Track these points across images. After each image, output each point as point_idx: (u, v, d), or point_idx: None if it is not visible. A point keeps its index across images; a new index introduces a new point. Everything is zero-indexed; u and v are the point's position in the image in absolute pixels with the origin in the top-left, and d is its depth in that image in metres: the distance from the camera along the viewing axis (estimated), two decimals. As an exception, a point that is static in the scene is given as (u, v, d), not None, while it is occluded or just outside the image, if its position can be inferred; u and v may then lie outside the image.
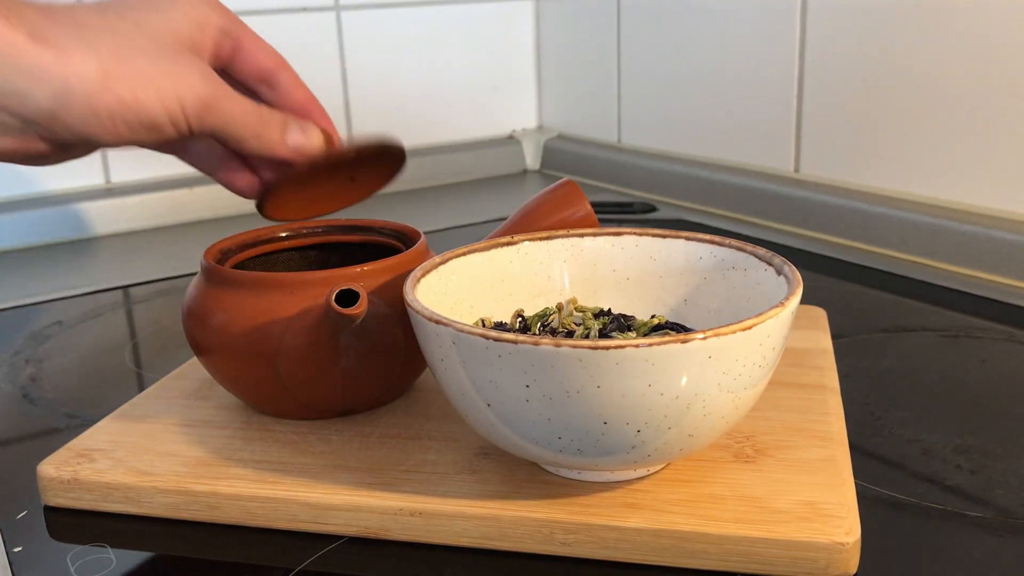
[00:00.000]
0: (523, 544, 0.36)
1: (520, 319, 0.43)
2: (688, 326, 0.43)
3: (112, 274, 0.77)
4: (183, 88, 0.41)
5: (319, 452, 0.41)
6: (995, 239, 0.66)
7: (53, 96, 0.38)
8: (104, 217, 0.88)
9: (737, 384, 0.34)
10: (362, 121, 1.04)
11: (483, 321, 0.43)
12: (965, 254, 0.68)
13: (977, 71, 0.68)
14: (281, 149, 0.44)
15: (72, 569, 0.37)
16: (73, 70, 0.38)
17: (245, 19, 0.47)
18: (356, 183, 0.50)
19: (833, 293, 0.66)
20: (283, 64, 0.47)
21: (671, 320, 0.44)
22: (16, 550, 0.38)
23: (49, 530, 0.40)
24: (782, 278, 0.39)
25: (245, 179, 0.48)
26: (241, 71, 0.46)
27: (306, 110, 0.47)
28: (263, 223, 0.49)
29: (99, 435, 0.44)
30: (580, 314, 0.44)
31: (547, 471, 0.39)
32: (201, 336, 0.44)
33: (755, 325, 0.33)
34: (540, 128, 1.14)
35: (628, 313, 0.45)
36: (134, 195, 0.90)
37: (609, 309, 0.44)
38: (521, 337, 0.32)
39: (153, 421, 0.45)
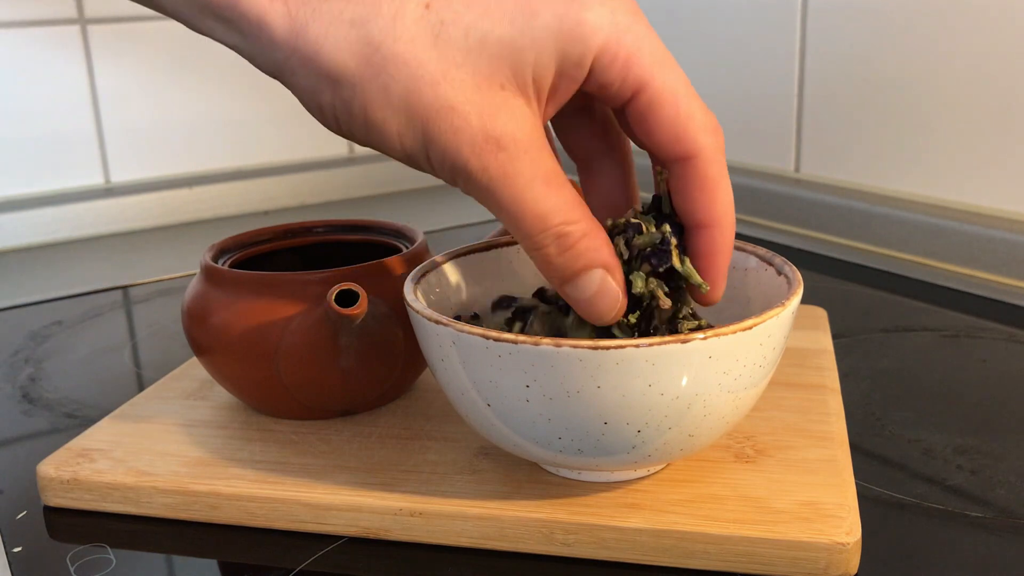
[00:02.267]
0: (523, 544, 0.36)
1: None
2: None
3: (112, 274, 0.76)
4: (437, 142, 0.32)
5: (319, 452, 0.41)
6: (995, 239, 0.66)
7: (276, 71, 0.34)
8: (104, 217, 0.88)
9: (738, 384, 0.34)
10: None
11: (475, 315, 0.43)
12: (965, 254, 0.68)
13: (977, 71, 0.68)
14: (555, 284, 0.35)
15: (72, 569, 0.37)
16: (304, 54, 0.32)
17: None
18: None
19: (833, 293, 0.66)
20: (720, 216, 0.35)
21: None
22: (16, 550, 0.38)
23: (49, 530, 0.40)
24: (782, 278, 0.39)
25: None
26: (636, 127, 0.35)
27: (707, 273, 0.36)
28: (263, 223, 0.49)
29: (99, 435, 0.44)
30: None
31: (547, 471, 0.39)
32: (201, 336, 0.44)
33: (755, 325, 0.33)
34: (540, 128, 1.14)
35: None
36: (134, 195, 0.90)
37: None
38: (521, 337, 0.32)
39: (153, 421, 0.45)
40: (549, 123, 0.39)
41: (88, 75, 0.89)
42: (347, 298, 0.39)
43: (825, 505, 0.36)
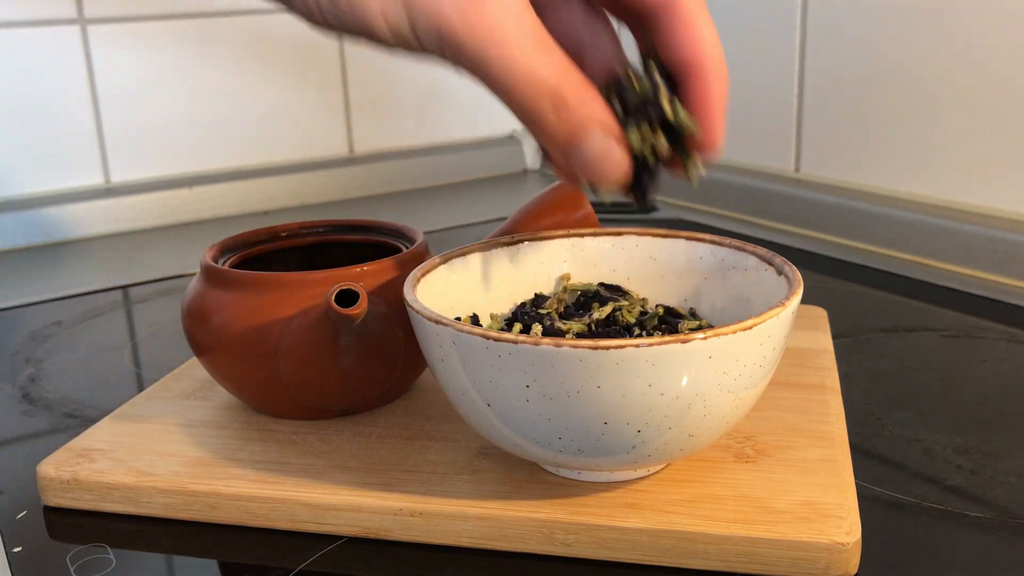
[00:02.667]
0: (523, 544, 0.36)
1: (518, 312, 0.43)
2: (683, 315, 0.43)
3: (112, 274, 0.76)
4: (418, 6, 0.32)
5: (319, 452, 0.41)
6: (995, 239, 0.66)
7: None
8: (104, 217, 0.88)
9: (738, 384, 0.34)
10: (362, 119, 1.04)
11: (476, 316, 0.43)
12: (965, 254, 0.68)
13: (977, 71, 0.68)
14: (557, 153, 0.35)
15: (72, 569, 0.37)
16: None
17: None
18: None
19: (833, 293, 0.66)
20: (705, 56, 0.34)
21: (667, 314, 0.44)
22: (16, 550, 0.38)
23: (49, 530, 0.40)
24: (782, 278, 0.39)
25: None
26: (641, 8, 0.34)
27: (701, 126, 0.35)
28: (263, 223, 0.49)
29: (99, 435, 0.44)
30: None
31: (547, 471, 0.39)
32: (201, 336, 0.44)
33: (755, 325, 0.33)
34: (540, 128, 1.14)
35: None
36: (134, 195, 0.90)
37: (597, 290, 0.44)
38: (521, 337, 0.32)
39: (153, 421, 0.45)
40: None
41: (88, 75, 0.89)
42: (347, 298, 0.39)
43: (825, 505, 0.36)
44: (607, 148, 0.34)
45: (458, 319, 0.42)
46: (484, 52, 0.32)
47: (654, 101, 0.35)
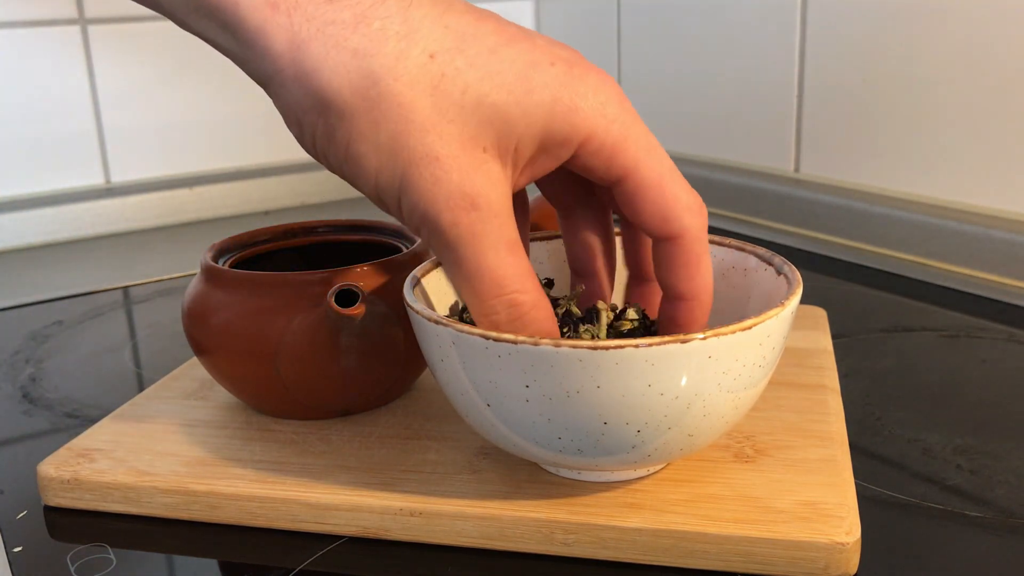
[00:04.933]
0: (523, 544, 0.36)
1: None
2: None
3: (112, 274, 0.77)
4: (414, 188, 0.33)
5: (319, 452, 0.41)
6: (995, 239, 0.66)
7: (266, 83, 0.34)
8: (104, 217, 0.88)
9: (737, 384, 0.34)
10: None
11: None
12: (965, 254, 0.68)
13: (977, 71, 0.68)
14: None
15: (72, 569, 0.37)
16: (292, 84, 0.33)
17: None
18: None
19: (833, 293, 0.66)
20: (699, 291, 0.37)
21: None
22: (16, 550, 0.38)
23: (49, 530, 0.40)
24: (782, 278, 0.39)
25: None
26: (624, 207, 0.36)
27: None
28: (263, 223, 0.49)
29: (99, 435, 0.44)
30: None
31: (547, 471, 0.39)
32: (201, 336, 0.44)
33: (755, 325, 0.33)
34: (540, 128, 1.14)
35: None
36: (134, 195, 0.90)
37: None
38: (521, 337, 0.32)
39: (153, 421, 0.45)
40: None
41: (88, 75, 0.89)
42: (347, 298, 0.39)
43: (825, 505, 0.36)
44: None
45: (463, 311, 0.42)
46: (462, 249, 0.34)
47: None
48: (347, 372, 0.42)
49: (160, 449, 0.42)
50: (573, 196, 0.41)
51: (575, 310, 0.40)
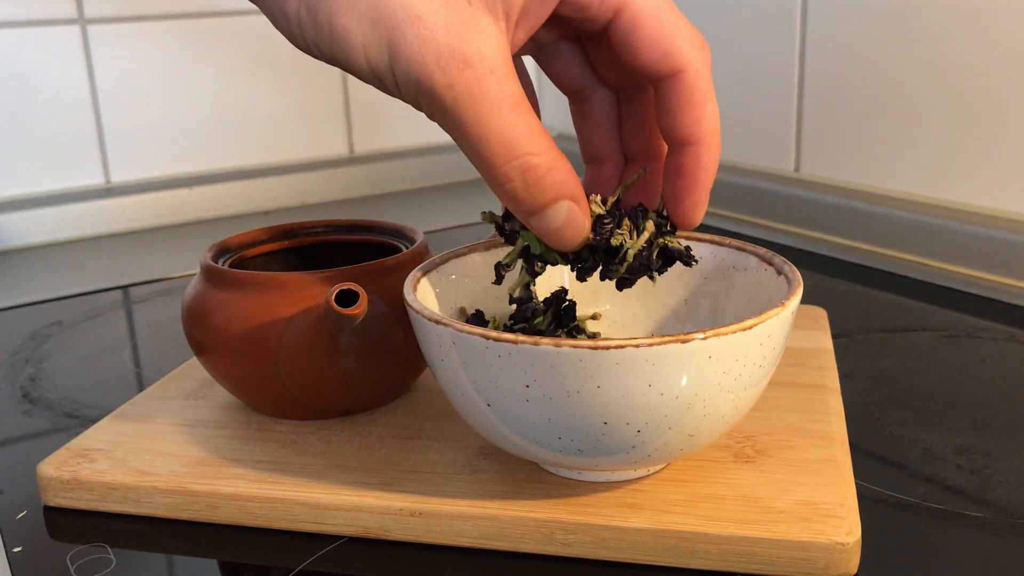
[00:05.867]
0: (523, 544, 0.36)
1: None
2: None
3: (112, 274, 0.77)
4: (402, 53, 0.31)
5: (319, 452, 0.41)
6: (995, 239, 0.66)
7: None
8: (104, 217, 0.88)
9: (737, 384, 0.34)
10: (362, 119, 1.04)
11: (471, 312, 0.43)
12: (965, 254, 0.68)
13: (977, 71, 0.68)
14: (518, 214, 0.35)
15: (72, 569, 0.37)
16: None
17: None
18: None
19: (833, 293, 0.66)
20: (704, 133, 0.35)
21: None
22: (16, 550, 0.38)
23: (49, 530, 0.40)
24: (782, 278, 0.39)
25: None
26: (621, 48, 0.34)
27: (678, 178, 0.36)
28: (263, 223, 0.49)
29: (99, 435, 0.44)
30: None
31: (547, 471, 0.39)
32: (201, 336, 0.44)
33: (755, 325, 0.33)
34: (540, 128, 1.14)
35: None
36: (134, 195, 0.90)
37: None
38: (521, 337, 0.32)
39: (153, 421, 0.45)
40: (534, 60, 0.39)
41: (88, 75, 0.89)
42: (347, 298, 0.39)
43: (825, 505, 0.36)
44: (570, 216, 0.34)
45: (463, 310, 0.42)
46: (461, 112, 0.32)
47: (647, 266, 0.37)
48: (347, 372, 0.42)
49: (160, 449, 0.42)
50: (580, 77, 0.38)
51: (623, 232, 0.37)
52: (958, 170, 0.71)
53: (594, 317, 0.45)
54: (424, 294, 0.39)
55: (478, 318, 0.42)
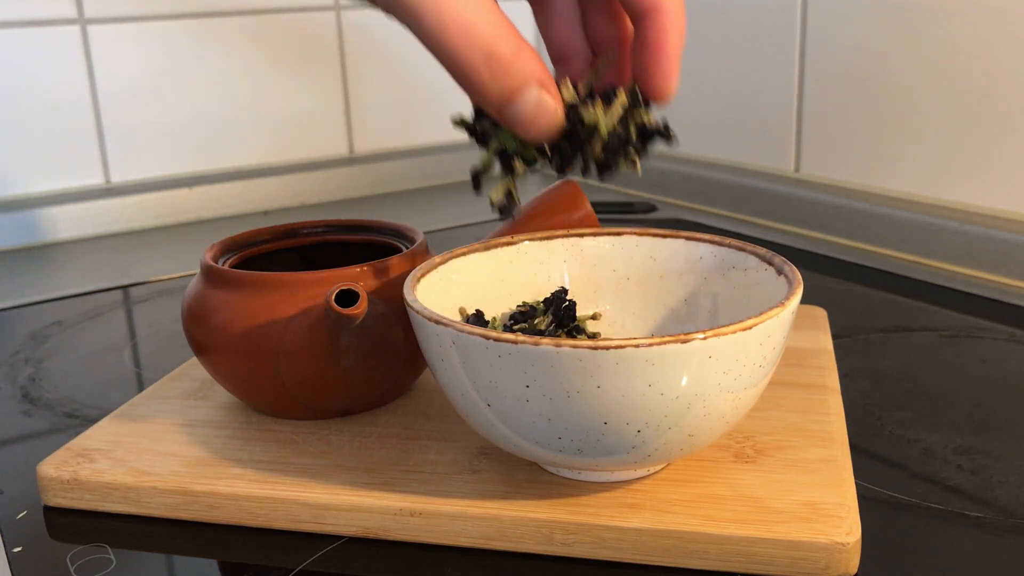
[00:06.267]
0: (523, 544, 0.36)
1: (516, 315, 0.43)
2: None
3: (112, 274, 0.77)
4: None
5: (319, 452, 0.41)
6: (995, 239, 0.66)
7: None
8: (104, 217, 0.88)
9: (737, 384, 0.34)
10: (362, 119, 1.04)
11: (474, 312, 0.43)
12: (965, 254, 0.68)
13: (977, 71, 0.68)
14: (490, 110, 0.34)
15: (72, 569, 0.37)
16: None
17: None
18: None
19: (833, 293, 0.66)
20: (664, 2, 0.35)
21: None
22: (16, 550, 0.38)
23: (49, 530, 0.40)
24: (782, 278, 0.39)
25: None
26: None
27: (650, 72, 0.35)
28: (263, 223, 0.49)
29: (99, 435, 0.44)
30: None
31: (547, 471, 0.39)
32: (201, 336, 0.44)
33: (755, 325, 0.33)
34: (540, 128, 1.14)
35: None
36: (134, 195, 0.90)
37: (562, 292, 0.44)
38: (521, 337, 0.32)
39: (153, 421, 0.45)
40: None
41: (88, 75, 0.89)
42: (347, 298, 0.39)
43: (825, 505, 0.36)
44: (541, 103, 0.34)
45: (463, 310, 0.42)
46: (418, 2, 0.31)
47: (614, 93, 0.35)
48: (347, 372, 0.42)
49: (160, 449, 0.42)
50: None
51: (594, 111, 0.36)
52: (958, 170, 0.71)
53: (594, 317, 0.45)
54: (424, 294, 0.39)
55: (478, 318, 0.42)
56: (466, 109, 0.38)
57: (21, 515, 0.41)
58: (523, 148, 0.36)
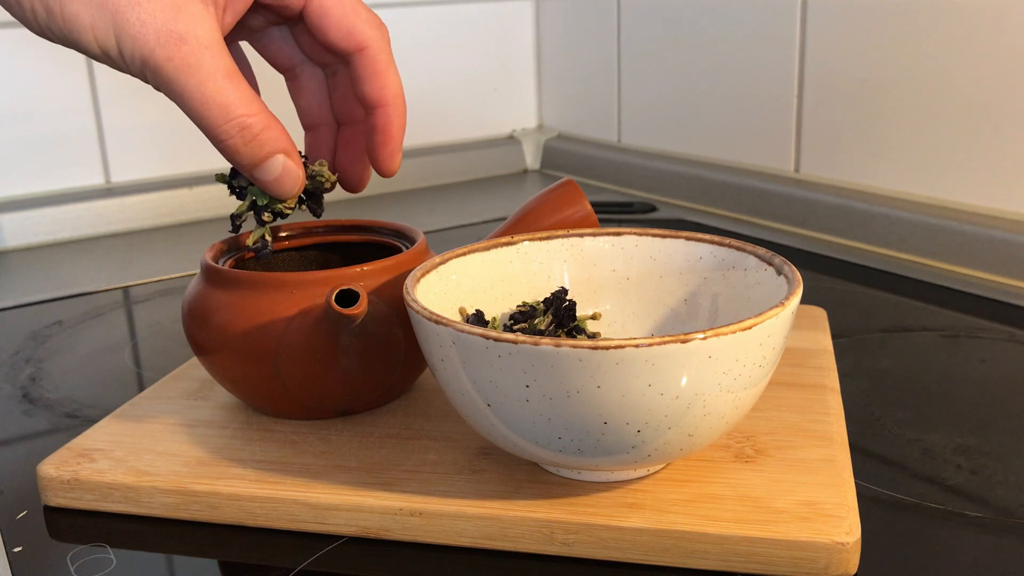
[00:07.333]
0: (523, 544, 0.36)
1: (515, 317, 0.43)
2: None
3: (112, 274, 0.77)
4: (126, 33, 0.37)
5: (319, 452, 0.41)
6: (995, 239, 0.66)
7: None
8: (104, 217, 0.88)
9: (737, 384, 0.34)
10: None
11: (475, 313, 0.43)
12: (965, 254, 0.68)
13: (977, 71, 0.68)
14: (244, 171, 0.41)
15: (72, 569, 0.37)
16: None
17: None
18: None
19: (833, 293, 0.66)
20: (388, 95, 0.43)
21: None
22: (16, 550, 0.38)
23: (49, 530, 0.40)
24: (782, 278, 0.39)
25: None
26: (315, 31, 0.42)
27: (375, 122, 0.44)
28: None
29: (99, 435, 0.44)
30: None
31: (547, 471, 0.39)
32: (201, 336, 0.44)
33: (755, 325, 0.33)
34: (540, 128, 1.14)
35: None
36: (134, 195, 0.90)
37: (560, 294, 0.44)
38: (521, 337, 0.32)
39: (153, 421, 0.45)
40: (250, 44, 0.46)
41: (88, 75, 0.89)
42: (347, 298, 0.39)
43: (825, 505, 0.36)
44: (288, 169, 0.41)
45: (463, 310, 0.42)
46: (183, 83, 0.37)
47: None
48: (347, 372, 0.42)
49: (160, 449, 0.42)
50: (291, 57, 0.46)
51: (327, 174, 0.44)
52: (958, 170, 0.71)
53: (594, 317, 0.45)
54: (424, 294, 0.39)
55: (478, 318, 0.42)
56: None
57: (21, 515, 0.41)
58: (271, 201, 0.43)
